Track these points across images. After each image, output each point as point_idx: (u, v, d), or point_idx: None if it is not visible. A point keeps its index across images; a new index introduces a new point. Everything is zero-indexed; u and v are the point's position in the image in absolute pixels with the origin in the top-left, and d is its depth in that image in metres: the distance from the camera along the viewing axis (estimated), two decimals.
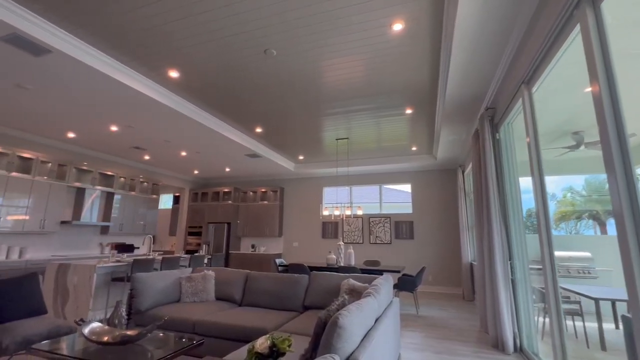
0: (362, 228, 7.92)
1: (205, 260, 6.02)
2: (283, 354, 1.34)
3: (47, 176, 5.62)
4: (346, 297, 2.12)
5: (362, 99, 4.35)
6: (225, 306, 3.44)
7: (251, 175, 8.98)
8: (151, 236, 5.45)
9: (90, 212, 6.49)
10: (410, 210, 7.68)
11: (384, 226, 7.73)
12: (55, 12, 2.69)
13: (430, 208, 7.47)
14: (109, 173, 6.75)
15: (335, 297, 3.25)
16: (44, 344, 2.20)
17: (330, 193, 8.60)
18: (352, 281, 3.08)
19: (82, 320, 2.25)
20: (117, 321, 2.40)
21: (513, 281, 3.32)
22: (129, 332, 2.20)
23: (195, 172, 8.63)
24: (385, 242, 7.64)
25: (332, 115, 4.92)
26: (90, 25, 2.87)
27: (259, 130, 5.60)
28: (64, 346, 2.18)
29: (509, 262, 3.31)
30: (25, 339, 2.43)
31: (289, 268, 5.30)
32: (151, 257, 4.85)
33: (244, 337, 2.72)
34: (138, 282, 3.30)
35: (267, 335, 1.40)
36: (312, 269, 5.43)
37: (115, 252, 4.75)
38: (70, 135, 5.52)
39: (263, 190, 8.87)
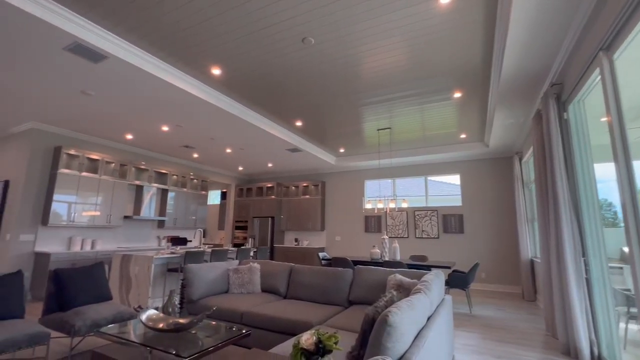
0: (407, 222, 7.61)
1: (252, 253, 6.21)
2: (330, 352, 1.26)
3: (111, 175, 6.18)
4: (394, 293, 1.99)
5: (405, 84, 4.10)
6: (270, 298, 3.49)
7: (292, 170, 9.08)
8: (201, 230, 5.73)
9: (149, 207, 7.03)
10: (459, 203, 7.20)
11: (430, 220, 7.35)
12: (109, 19, 2.88)
13: (482, 200, 6.93)
14: (163, 171, 7.24)
15: (381, 293, 3.12)
16: (108, 327, 2.38)
17: (373, 186, 8.38)
18: (399, 276, 2.92)
19: (140, 307, 2.39)
20: (170, 309, 2.52)
21: (587, 280, 2.90)
22: (181, 320, 2.29)
23: (240, 168, 8.93)
24: (432, 236, 7.26)
25: (373, 104, 4.73)
26: (139, 29, 3.03)
27: (298, 123, 5.59)
28: (125, 331, 2.34)
29: (582, 258, 2.90)
30: (94, 322, 2.66)
31: (332, 262, 5.25)
32: (201, 249, 5.10)
33: (289, 329, 2.71)
34: (189, 272, 3.46)
35: (313, 331, 1.33)
36: (356, 263, 5.32)
37: (170, 244, 5.06)
38: (129, 136, 5.99)
39: (304, 184, 8.93)
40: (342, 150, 7.43)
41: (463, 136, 6.22)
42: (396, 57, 3.48)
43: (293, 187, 9.16)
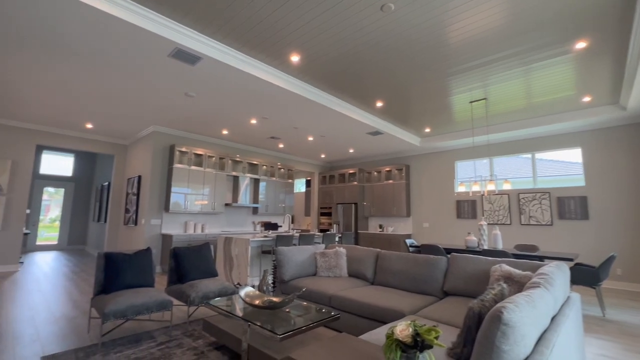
0: (509, 206, 6.63)
1: (337, 239, 6.29)
2: (429, 347, 1.11)
3: (212, 168, 7.00)
4: (504, 285, 1.69)
5: (504, 43, 3.46)
6: (358, 283, 3.44)
7: (374, 154, 8.83)
8: (290, 216, 6.05)
9: (244, 196, 7.78)
10: (580, 183, 5.91)
11: (540, 203, 6.24)
12: (201, 22, 3.15)
13: (615, 178, 5.54)
14: (255, 162, 7.87)
15: (484, 285, 2.75)
16: (216, 300, 2.67)
17: (465, 167, 7.54)
18: (506, 267, 2.51)
19: (239, 284, 2.61)
20: (265, 288, 2.69)
21: None
22: (275, 299, 2.42)
23: (322, 155, 9.11)
24: (544, 223, 6.17)
25: (464, 72, 4.15)
26: (225, 27, 3.24)
27: (379, 104, 5.32)
28: (229, 304, 2.59)
29: None
30: (205, 295, 3.03)
31: (421, 249, 4.92)
32: (290, 233, 5.38)
33: (379, 317, 2.61)
34: (280, 254, 3.66)
35: (408, 322, 1.19)
36: (448, 251, 4.88)
37: (263, 229, 5.47)
38: (224, 132, 6.65)
39: (387, 169, 8.61)
40: (427, 130, 6.85)
41: (586, 99, 5.01)
42: (492, 10, 2.93)
43: (375, 173, 8.93)
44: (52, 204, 10.19)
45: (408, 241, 5.74)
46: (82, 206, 10.24)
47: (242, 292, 2.49)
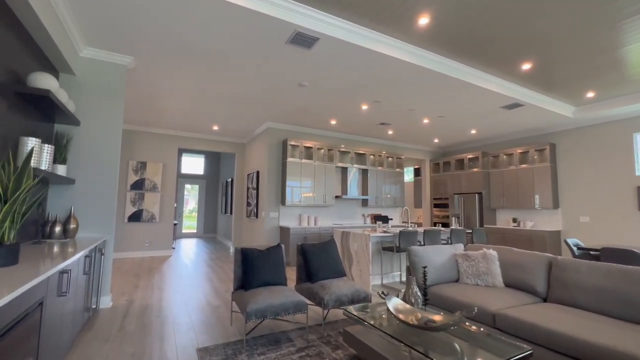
0: None
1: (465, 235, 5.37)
2: None
3: (322, 160, 6.91)
4: None
5: None
6: (523, 298, 2.64)
7: (505, 133, 7.34)
8: (406, 209, 5.44)
9: (353, 187, 7.50)
10: None
11: None
12: None
13: None
14: (361, 152, 7.49)
15: None
16: (355, 308, 2.33)
17: None
18: None
19: (384, 293, 2.21)
20: (412, 300, 2.21)
21: None
22: (433, 317, 1.92)
23: (436, 140, 8.09)
24: None
25: None
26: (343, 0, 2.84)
27: (525, 66, 4.16)
28: (373, 316, 2.21)
29: None
30: (338, 298, 2.75)
31: (601, 254, 3.66)
32: (413, 229, 4.78)
33: (585, 356, 1.82)
34: (415, 255, 3.13)
35: None
36: None
37: (377, 222, 5.03)
38: (333, 122, 6.44)
39: (521, 150, 7.02)
40: (590, 95, 5.18)
41: None
42: None
43: (504, 156, 7.42)
44: (190, 197, 12.07)
45: (570, 241, 4.44)
46: (212, 200, 11.78)
47: (391, 305, 2.07)
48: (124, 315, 3.18)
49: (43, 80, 2.51)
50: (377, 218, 7.68)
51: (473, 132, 7.17)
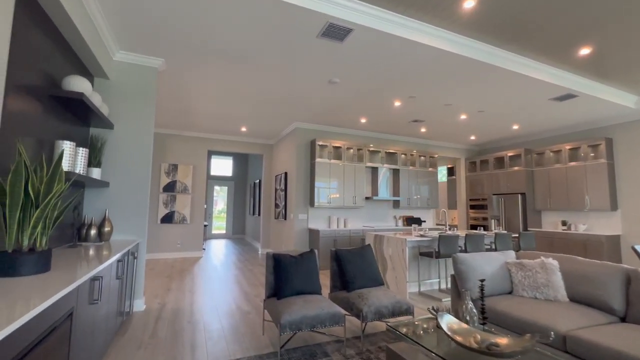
0: None
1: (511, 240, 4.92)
2: None
3: (351, 160, 6.69)
4: None
5: None
6: (596, 316, 2.28)
7: (551, 129, 6.73)
8: (444, 210, 5.08)
9: (384, 188, 7.20)
10: None
11: None
12: None
13: None
14: (392, 151, 7.17)
15: None
16: (399, 324, 2.09)
17: None
18: None
19: (434, 308, 1.96)
20: (467, 317, 1.94)
21: None
22: (497, 340, 1.64)
23: (472, 137, 7.60)
24: None
25: None
26: None
27: (584, 51, 3.70)
28: (420, 334, 1.97)
29: None
30: (377, 310, 2.53)
31: None
32: (453, 233, 4.44)
33: None
34: (462, 263, 2.83)
35: None
36: None
37: (416, 225, 4.72)
38: (363, 120, 6.20)
39: (570, 147, 6.40)
40: None
41: None
42: None
43: (551, 153, 6.80)
44: (219, 199, 12.26)
45: (639, 248, 3.90)
46: (240, 201, 11.89)
47: (444, 323, 1.81)
48: (156, 320, 3.14)
49: (77, 83, 2.50)
50: (409, 220, 7.33)
51: (515, 127, 6.64)
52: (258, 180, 9.70)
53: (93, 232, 3.02)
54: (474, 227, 8.19)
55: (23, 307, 1.12)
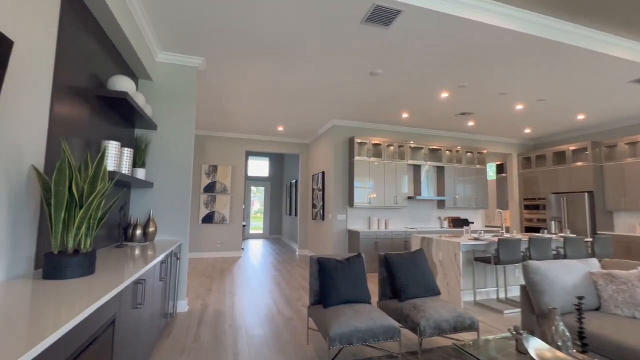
0: None
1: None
2: None
3: (392, 158, 6.34)
4: None
5: None
6: None
7: (626, 117, 5.88)
8: (500, 211, 4.57)
9: (428, 187, 6.76)
10: None
11: None
12: None
13: None
14: (435, 147, 6.70)
15: None
16: (466, 344, 1.79)
17: None
18: None
19: (516, 330, 1.63)
20: (560, 342, 1.59)
21: None
22: None
23: (527, 131, 6.88)
24: None
25: None
26: None
27: None
28: (495, 357, 1.65)
29: None
30: (437, 324, 2.23)
31: None
32: (514, 236, 3.96)
33: None
34: (536, 273, 2.42)
35: None
36: None
37: (468, 228, 4.29)
38: (405, 115, 5.83)
39: None
40: None
41: None
42: None
43: (626, 146, 5.93)
44: (256, 199, 12.43)
45: None
46: (277, 202, 11.93)
47: (531, 348, 1.49)
48: (198, 323, 3.09)
49: (121, 83, 2.49)
50: (455, 222, 6.81)
51: (580, 117, 5.88)
52: (294, 181, 9.64)
53: (139, 232, 3.04)
54: (529, 229, 7.44)
55: (64, 316, 1.01)
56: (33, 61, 1.62)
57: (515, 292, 4.22)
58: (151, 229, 3.16)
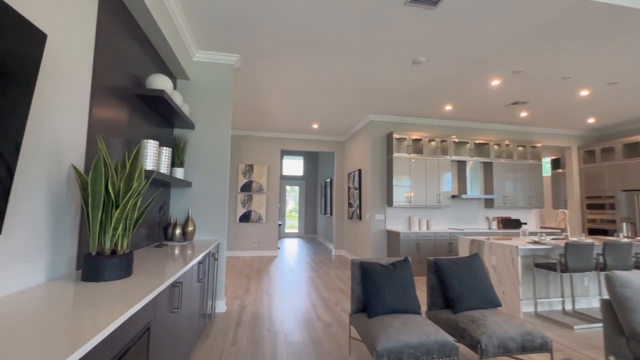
0: None
1: None
2: None
3: (433, 154, 5.94)
4: None
5: None
6: None
7: None
8: (563, 211, 4.04)
9: (474, 184, 6.25)
10: None
11: None
12: None
13: None
14: (482, 141, 6.18)
15: None
16: None
17: None
18: None
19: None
20: None
21: None
22: None
23: (590, 120, 6.11)
24: None
25: None
26: None
27: None
28: None
29: None
30: (501, 343, 1.93)
31: None
32: (584, 240, 3.46)
33: None
34: (625, 286, 2.02)
35: None
36: None
37: (526, 229, 3.83)
38: (447, 107, 5.42)
39: None
40: None
41: None
42: None
43: None
44: (290, 198, 12.46)
45: None
46: (311, 201, 11.86)
47: None
48: (236, 325, 3.02)
49: (158, 81, 2.47)
50: (505, 222, 6.23)
51: None
52: (329, 179, 9.48)
53: (178, 231, 3.04)
54: (593, 231, 6.62)
55: (92, 327, 0.92)
56: (72, 60, 1.59)
57: (583, 304, 3.70)
58: (190, 228, 3.15)
